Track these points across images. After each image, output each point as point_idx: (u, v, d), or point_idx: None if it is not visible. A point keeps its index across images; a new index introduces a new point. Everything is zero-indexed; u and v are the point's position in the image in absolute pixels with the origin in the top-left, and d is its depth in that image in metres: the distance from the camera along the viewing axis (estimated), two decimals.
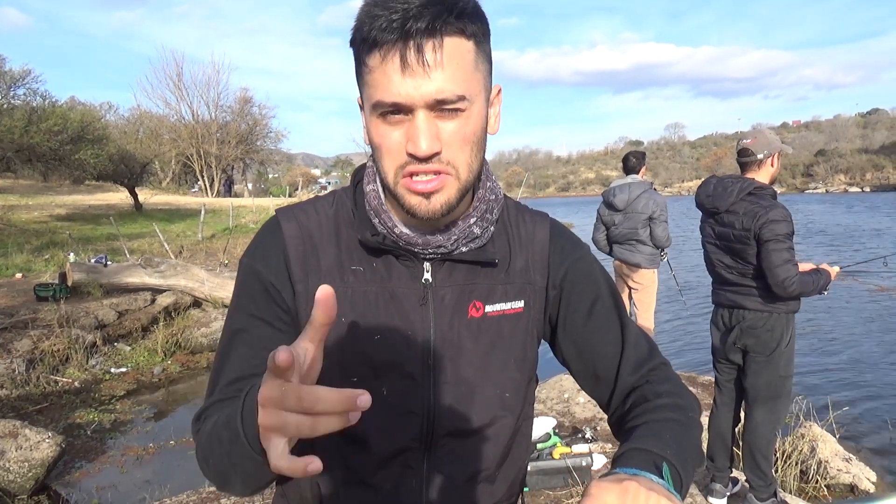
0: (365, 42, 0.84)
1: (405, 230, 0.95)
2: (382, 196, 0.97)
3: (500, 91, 0.97)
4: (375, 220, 0.96)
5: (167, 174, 44.42)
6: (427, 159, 0.85)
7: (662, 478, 0.77)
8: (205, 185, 45.20)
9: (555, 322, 1.06)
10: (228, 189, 46.90)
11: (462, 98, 0.84)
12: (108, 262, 10.13)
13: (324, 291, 0.64)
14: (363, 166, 1.04)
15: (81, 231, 17.34)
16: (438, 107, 0.84)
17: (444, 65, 0.82)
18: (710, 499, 3.57)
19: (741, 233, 3.19)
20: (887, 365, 7.34)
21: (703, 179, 3.57)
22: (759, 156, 3.25)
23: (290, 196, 35.59)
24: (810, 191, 71.42)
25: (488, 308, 0.99)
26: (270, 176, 65.23)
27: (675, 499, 0.71)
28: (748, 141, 3.31)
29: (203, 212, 18.87)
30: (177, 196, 35.70)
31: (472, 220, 0.96)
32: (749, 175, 3.30)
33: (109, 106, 38.34)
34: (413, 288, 0.96)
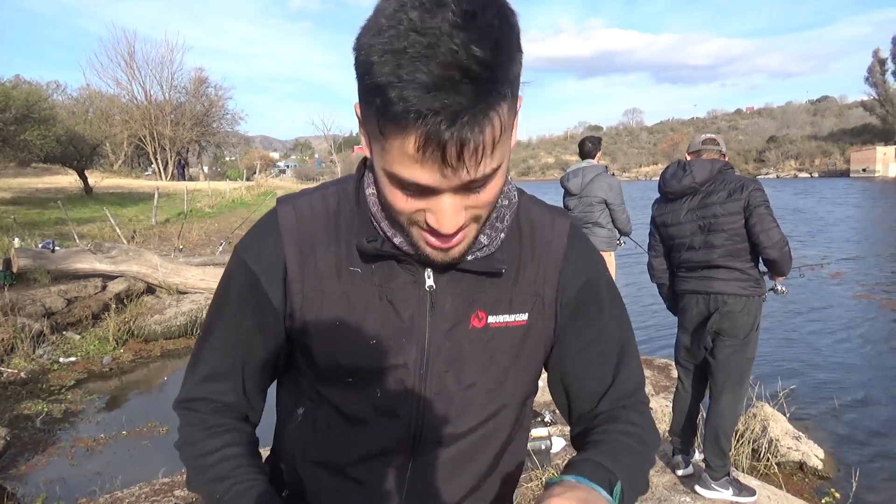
0: (386, 108, 0.68)
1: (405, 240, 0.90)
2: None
3: (521, 103, 0.81)
4: (375, 225, 0.91)
5: (119, 157, 43.09)
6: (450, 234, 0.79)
7: (612, 496, 0.78)
8: (158, 168, 44.04)
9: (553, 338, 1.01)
10: (182, 172, 45.78)
11: (494, 170, 0.75)
12: (56, 248, 9.77)
13: None
14: (365, 166, 0.97)
15: (27, 215, 16.70)
16: (467, 188, 0.75)
17: (482, 152, 0.71)
18: (678, 472, 3.68)
19: (732, 203, 3.27)
20: (834, 346, 7.60)
21: (663, 165, 3.70)
22: (723, 149, 3.51)
23: (247, 180, 34.85)
24: (762, 176, 73.36)
25: (491, 319, 0.94)
26: (227, 159, 63.92)
27: None
28: (713, 135, 3.58)
29: (157, 196, 18.36)
30: (129, 179, 34.67)
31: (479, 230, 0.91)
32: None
33: (57, 85, 36.56)
34: (413, 294, 0.92)
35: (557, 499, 0.71)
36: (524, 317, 0.95)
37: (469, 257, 0.90)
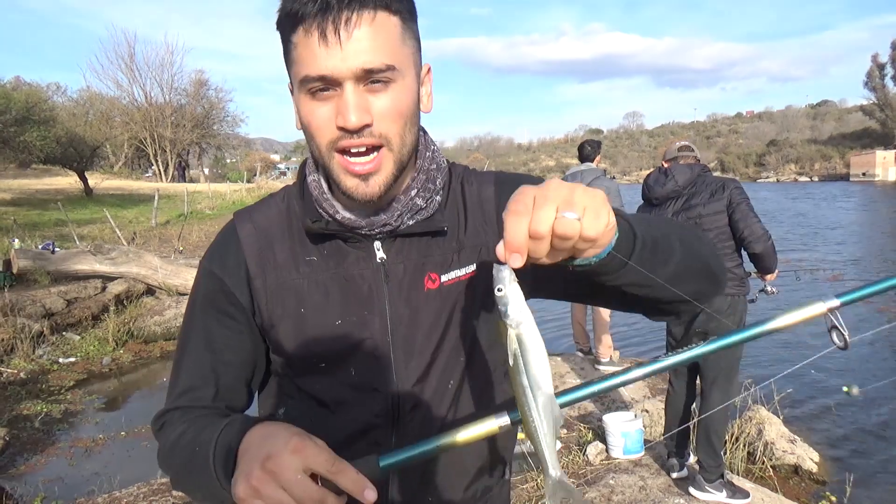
0: (288, 18, 0.84)
1: (348, 214, 0.96)
2: (324, 185, 0.98)
3: (429, 70, 0.96)
4: (319, 209, 0.97)
5: (119, 158, 43.10)
6: (358, 131, 0.84)
7: None
8: (159, 169, 44.01)
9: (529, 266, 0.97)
10: (182, 174, 45.78)
11: (391, 68, 0.83)
12: (56, 249, 9.81)
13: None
14: (307, 160, 1.05)
15: (27, 216, 16.72)
16: (367, 78, 0.83)
17: (370, 35, 0.82)
18: (673, 474, 3.70)
19: (715, 202, 3.42)
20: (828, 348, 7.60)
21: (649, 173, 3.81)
22: (697, 155, 3.76)
23: (248, 182, 34.86)
24: (762, 180, 73.29)
25: (444, 278, 0.99)
26: (228, 161, 63.87)
27: (605, 200, 0.69)
28: (688, 142, 3.83)
29: (157, 197, 18.38)
30: (129, 181, 34.66)
31: (414, 193, 0.96)
32: None
33: (57, 87, 36.66)
34: (366, 269, 0.97)
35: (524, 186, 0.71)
36: (472, 268, 1.00)
37: (410, 221, 0.97)
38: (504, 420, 0.78)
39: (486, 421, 0.79)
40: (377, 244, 0.98)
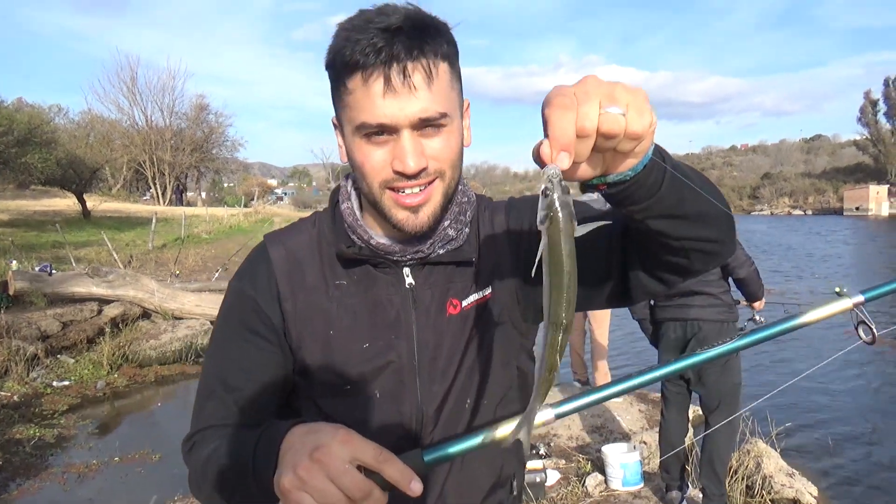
0: (346, 65, 0.87)
1: (382, 240, 0.99)
2: (357, 212, 1.02)
3: (468, 105, 1.02)
4: (352, 236, 1.00)
5: (118, 181, 43.19)
6: (415, 175, 0.89)
7: None
8: (157, 192, 44.13)
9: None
10: (180, 197, 45.88)
11: (444, 115, 0.89)
12: (53, 271, 9.78)
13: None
14: (339, 188, 1.08)
15: (25, 238, 16.69)
16: (422, 125, 0.88)
17: (425, 85, 0.87)
18: None
19: None
20: (824, 383, 7.61)
21: None
22: None
23: (245, 206, 34.96)
24: (756, 213, 73.68)
25: (464, 303, 1.03)
26: (226, 185, 64.10)
27: (646, 98, 0.66)
28: None
29: (154, 220, 18.39)
30: (127, 204, 34.69)
31: (447, 223, 1.01)
32: None
33: (59, 109, 36.92)
34: (395, 294, 1.01)
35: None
36: (489, 290, 1.04)
37: (441, 250, 1.01)
38: (549, 413, 0.81)
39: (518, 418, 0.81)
40: (406, 270, 1.01)
